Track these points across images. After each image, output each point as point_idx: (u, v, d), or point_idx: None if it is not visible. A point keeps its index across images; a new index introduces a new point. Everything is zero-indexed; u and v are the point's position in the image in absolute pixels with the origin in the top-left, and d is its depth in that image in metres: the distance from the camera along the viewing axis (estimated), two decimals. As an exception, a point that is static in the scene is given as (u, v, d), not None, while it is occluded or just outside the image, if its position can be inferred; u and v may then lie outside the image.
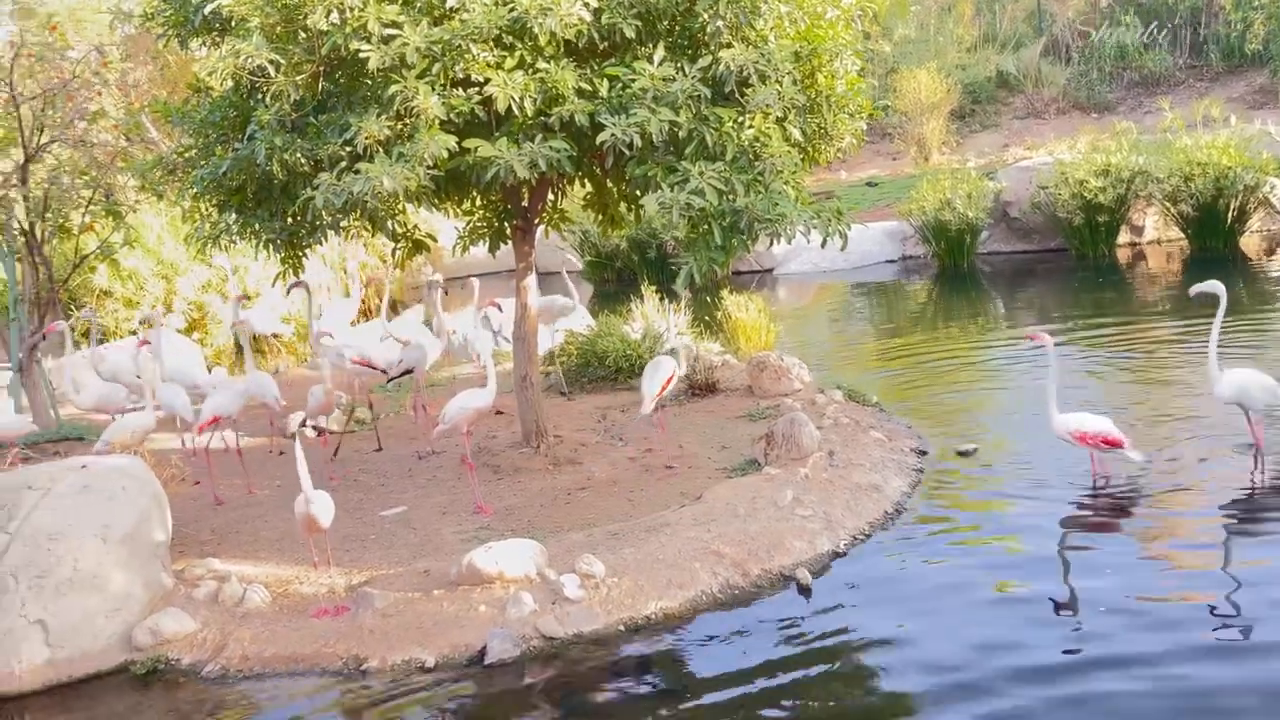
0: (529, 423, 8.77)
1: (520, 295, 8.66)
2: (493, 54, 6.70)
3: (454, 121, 6.65)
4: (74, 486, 6.61)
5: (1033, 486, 7.48)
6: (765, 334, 11.98)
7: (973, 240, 17.88)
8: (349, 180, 6.50)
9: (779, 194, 6.72)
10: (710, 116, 6.68)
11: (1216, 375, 7.51)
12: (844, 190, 26.17)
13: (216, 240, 7.97)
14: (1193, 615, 5.54)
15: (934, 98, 27.69)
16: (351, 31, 6.55)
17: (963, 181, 17.85)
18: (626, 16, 6.76)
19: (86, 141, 10.71)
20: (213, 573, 6.83)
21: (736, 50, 6.62)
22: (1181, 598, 5.76)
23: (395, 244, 8.78)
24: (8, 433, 8.97)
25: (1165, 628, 5.40)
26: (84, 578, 6.24)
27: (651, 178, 6.78)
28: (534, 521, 7.44)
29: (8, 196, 10.62)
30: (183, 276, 17.63)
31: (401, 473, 9.00)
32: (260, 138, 7.00)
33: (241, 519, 8.18)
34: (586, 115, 6.66)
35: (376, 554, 7.16)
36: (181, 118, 8.08)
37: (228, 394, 8.89)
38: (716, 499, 7.31)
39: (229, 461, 9.71)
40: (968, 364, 11.71)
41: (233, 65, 6.81)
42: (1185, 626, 5.41)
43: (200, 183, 7.67)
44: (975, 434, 8.84)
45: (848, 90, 7.37)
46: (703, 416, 9.71)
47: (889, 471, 7.84)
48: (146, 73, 19.56)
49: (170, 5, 7.89)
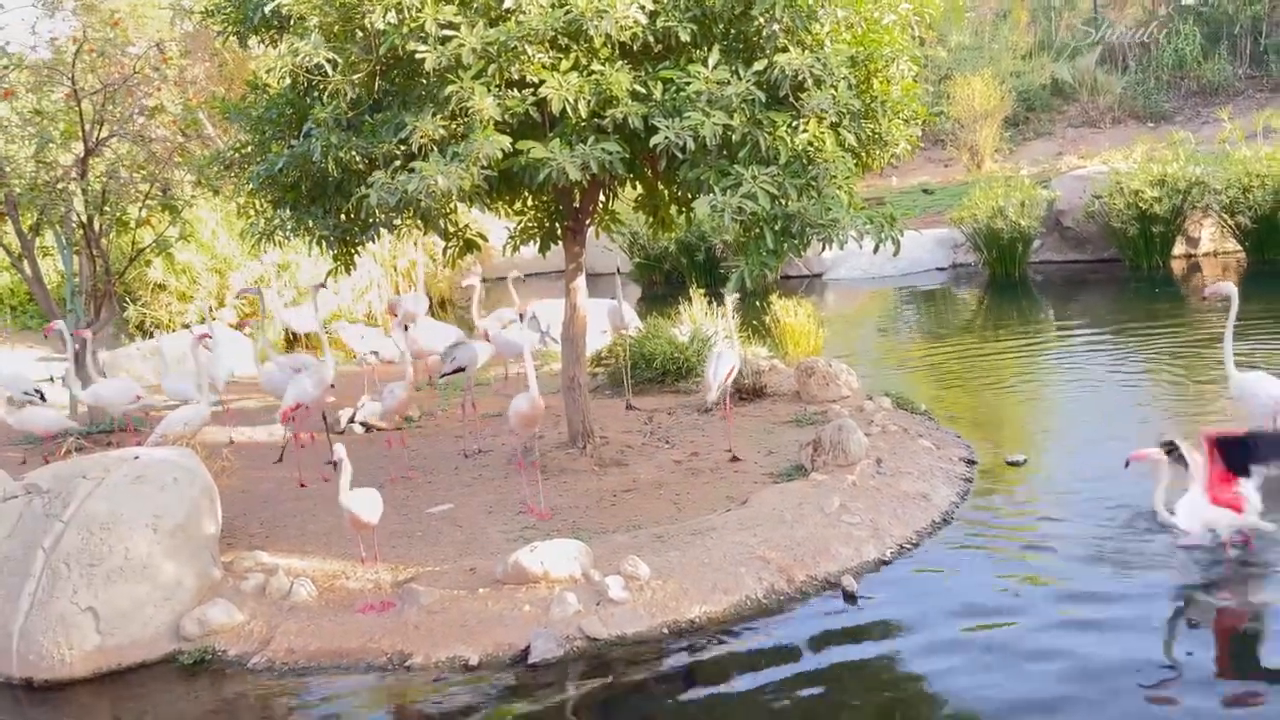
0: (576, 424, 8.79)
1: (570, 296, 8.68)
2: (548, 55, 6.71)
3: (508, 122, 6.67)
4: (127, 477, 6.70)
5: (1083, 500, 7.38)
6: (813, 339, 11.93)
7: (1025, 249, 17.71)
8: (403, 179, 6.53)
9: (832, 199, 6.69)
10: (764, 120, 6.65)
11: (1232, 374, 7.70)
12: (896, 196, 26.03)
13: (271, 236, 8.06)
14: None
15: (988, 105, 27.47)
16: (409, 32, 6.59)
17: (1016, 190, 17.68)
18: (682, 20, 6.75)
19: (145, 136, 10.85)
20: (261, 565, 6.89)
21: (792, 54, 6.58)
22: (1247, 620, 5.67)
23: (447, 243, 8.82)
24: (47, 428, 9.09)
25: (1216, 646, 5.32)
26: (135, 567, 6.32)
27: (704, 181, 6.76)
28: (579, 522, 7.45)
29: (67, 190, 10.78)
30: (236, 271, 17.85)
31: (449, 470, 9.04)
32: (317, 135, 7.06)
33: (290, 513, 8.25)
34: (640, 118, 6.65)
35: (423, 551, 7.19)
36: (239, 114, 8.18)
37: (309, 381, 8.99)
38: (762, 504, 7.28)
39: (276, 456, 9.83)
40: (1018, 373, 11.59)
41: (290, 63, 6.88)
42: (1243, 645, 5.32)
43: (256, 179, 7.75)
44: (1025, 444, 8.75)
45: (903, 96, 7.31)
46: (750, 421, 9.67)
47: (937, 480, 7.77)
48: (205, 69, 19.84)
49: (230, 3, 7.98)
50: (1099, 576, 6.25)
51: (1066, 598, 5.99)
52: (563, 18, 6.48)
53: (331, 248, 8.12)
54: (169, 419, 8.57)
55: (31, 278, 11.06)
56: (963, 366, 12.05)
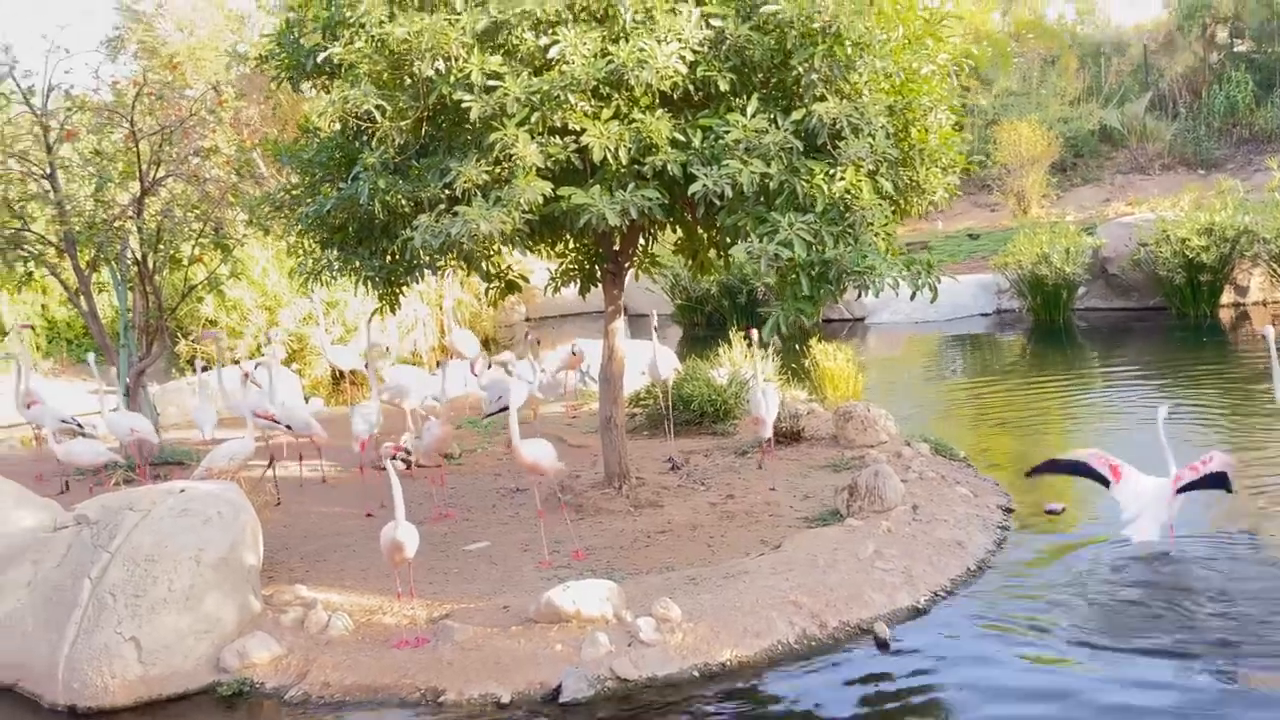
0: (612, 464, 8.87)
1: (608, 337, 8.79)
2: (590, 104, 6.85)
3: (550, 168, 6.81)
4: (172, 510, 6.86)
5: (1120, 550, 7.34)
6: (853, 383, 11.95)
7: (1069, 295, 17.64)
8: (447, 222, 6.69)
9: (869, 246, 6.76)
10: (801, 168, 6.74)
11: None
12: (941, 241, 26.02)
13: (318, 275, 8.26)
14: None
15: (1034, 150, 27.43)
16: (455, 81, 6.76)
17: (1061, 236, 17.64)
18: (722, 69, 6.88)
19: (199, 177, 11.13)
20: (300, 599, 7.01)
21: (830, 103, 6.68)
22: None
23: (489, 284, 8.97)
24: (91, 460, 9.30)
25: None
26: (177, 598, 6.45)
27: (741, 227, 6.86)
28: (613, 563, 7.51)
29: (124, 227, 11.07)
30: (285, 309, 18.17)
31: (486, 508, 9.14)
32: (364, 179, 7.24)
33: (331, 547, 8.38)
34: (679, 165, 6.77)
35: (459, 587, 7.28)
36: (290, 157, 8.39)
37: (371, 415, 9.43)
38: (796, 548, 7.31)
39: (320, 490, 9.99)
40: (1060, 420, 11.54)
41: (340, 109, 7.08)
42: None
43: (305, 220, 7.95)
44: (1065, 493, 8.69)
45: (941, 144, 7.38)
46: (786, 464, 9.70)
47: (973, 528, 7.76)
48: (260, 110, 20.31)
49: (284, 50, 8.22)
50: (1134, 628, 6.22)
51: (1101, 649, 5.97)
52: (605, 68, 6.63)
53: (377, 288, 8.28)
54: (214, 453, 8.76)
55: (87, 313, 11.34)
56: (1004, 412, 12.01)
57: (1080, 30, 38.61)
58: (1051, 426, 11.32)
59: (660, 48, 6.57)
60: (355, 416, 9.68)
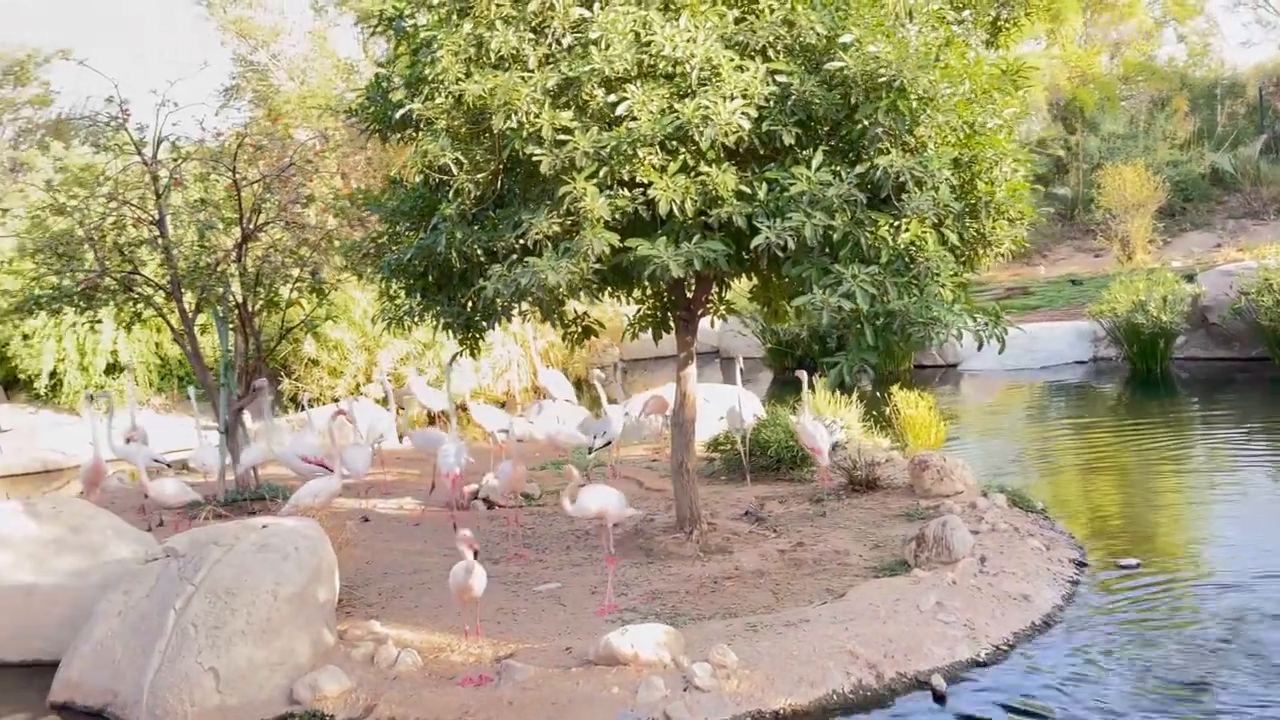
0: (683, 508, 8.97)
1: (680, 384, 8.92)
2: (658, 157, 7.03)
3: (618, 219, 7.00)
4: (254, 545, 7.15)
5: (1194, 611, 7.21)
6: (934, 432, 11.88)
7: (1167, 344, 17.26)
8: (518, 271, 6.92)
9: (934, 297, 6.79)
10: (866, 220, 6.82)
11: None
12: (1042, 286, 25.65)
13: (401, 321, 8.56)
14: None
15: (1140, 195, 26.92)
16: (528, 136, 7.01)
17: (1158, 284, 17.29)
18: (787, 124, 7.00)
19: (298, 224, 11.60)
20: (372, 635, 7.24)
21: (894, 156, 6.75)
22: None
23: (565, 330, 9.18)
24: (175, 498, 9.72)
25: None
26: (255, 631, 6.73)
27: (806, 278, 6.95)
28: (678, 607, 7.61)
29: (227, 271, 11.57)
30: (383, 349, 18.70)
31: (560, 549, 9.31)
32: (443, 229, 7.54)
33: (408, 585, 8.61)
34: (744, 217, 6.91)
35: (526, 627, 7.44)
36: (378, 206, 8.75)
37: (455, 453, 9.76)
38: (860, 598, 7.32)
39: (406, 527, 10.28)
40: (1148, 472, 11.32)
41: (421, 164, 7.39)
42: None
43: (388, 267, 8.27)
44: (1146, 548, 8.56)
45: (1009, 196, 7.39)
46: (860, 513, 9.70)
47: (1041, 582, 7.68)
48: (365, 156, 20.99)
49: (373, 104, 8.59)
50: (1196, 687, 6.11)
51: (1160, 711, 5.87)
52: (670, 124, 6.80)
53: (456, 333, 8.55)
54: (301, 490, 9.09)
55: (191, 352, 11.85)
56: (1091, 464, 11.82)
57: (1192, 72, 37.88)
58: (1138, 478, 11.10)
59: (725, 104, 6.73)
60: (440, 454, 9.98)
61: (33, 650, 7.85)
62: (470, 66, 7.25)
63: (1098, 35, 37.74)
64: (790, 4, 7.14)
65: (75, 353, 18.64)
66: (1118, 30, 38.01)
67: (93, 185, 11.53)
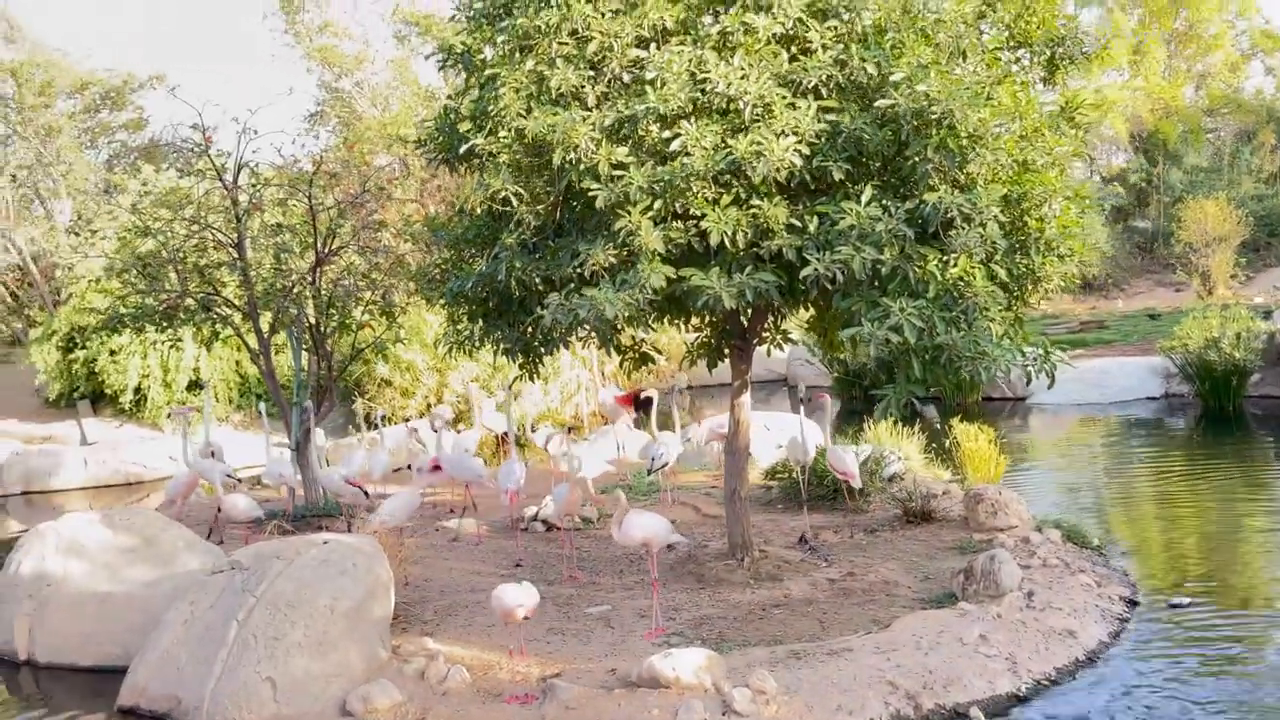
0: (736, 535, 9.08)
1: (734, 411, 9.05)
2: (711, 190, 7.20)
3: (671, 251, 7.17)
4: (314, 559, 7.43)
5: (1242, 652, 7.15)
6: (994, 465, 11.84)
7: (1240, 382, 16.96)
8: (576, 302, 7.11)
9: (982, 331, 6.86)
10: (914, 254, 6.91)
11: None
12: (1118, 320, 25.35)
13: (462, 345, 8.82)
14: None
15: (1221, 229, 26.52)
16: (585, 170, 7.22)
17: (1232, 320, 17.01)
18: (838, 160, 7.13)
19: (370, 249, 11.97)
20: (425, 651, 7.46)
21: (942, 192, 6.84)
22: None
23: (622, 357, 9.36)
24: (244, 514, 10.10)
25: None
26: (311, 643, 6.98)
27: (855, 311, 7.06)
28: (725, 633, 7.72)
29: (302, 294, 11.97)
30: (454, 371, 19.06)
31: (614, 572, 9.47)
32: (503, 258, 7.78)
33: (464, 603, 8.82)
34: (794, 249, 7.05)
35: (574, 648, 7.61)
36: (444, 234, 9.03)
37: (515, 473, 10.13)
38: (904, 629, 7.38)
39: (468, 547, 10.51)
40: (1210, 512, 11.17)
41: (483, 196, 7.65)
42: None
43: (451, 293, 8.53)
44: (1197, 588, 8.49)
45: (1060, 233, 7.44)
46: (913, 544, 9.73)
47: (1089, 618, 7.67)
48: (437, 184, 21.47)
49: (441, 133, 8.89)
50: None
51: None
52: (723, 159, 6.97)
53: (516, 358, 8.78)
54: (387, 504, 9.44)
55: (266, 371, 12.25)
56: (1153, 501, 11.70)
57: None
58: (1201, 517, 10.97)
59: (777, 141, 6.88)
60: (500, 474, 10.24)
61: (104, 655, 8.21)
62: (531, 103, 7.49)
63: (1182, 67, 37.23)
64: (844, 44, 7.28)
65: (159, 369, 19.30)
66: (1203, 62, 37.45)
67: (177, 208, 12.01)
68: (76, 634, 8.34)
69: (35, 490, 16.94)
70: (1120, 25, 35.14)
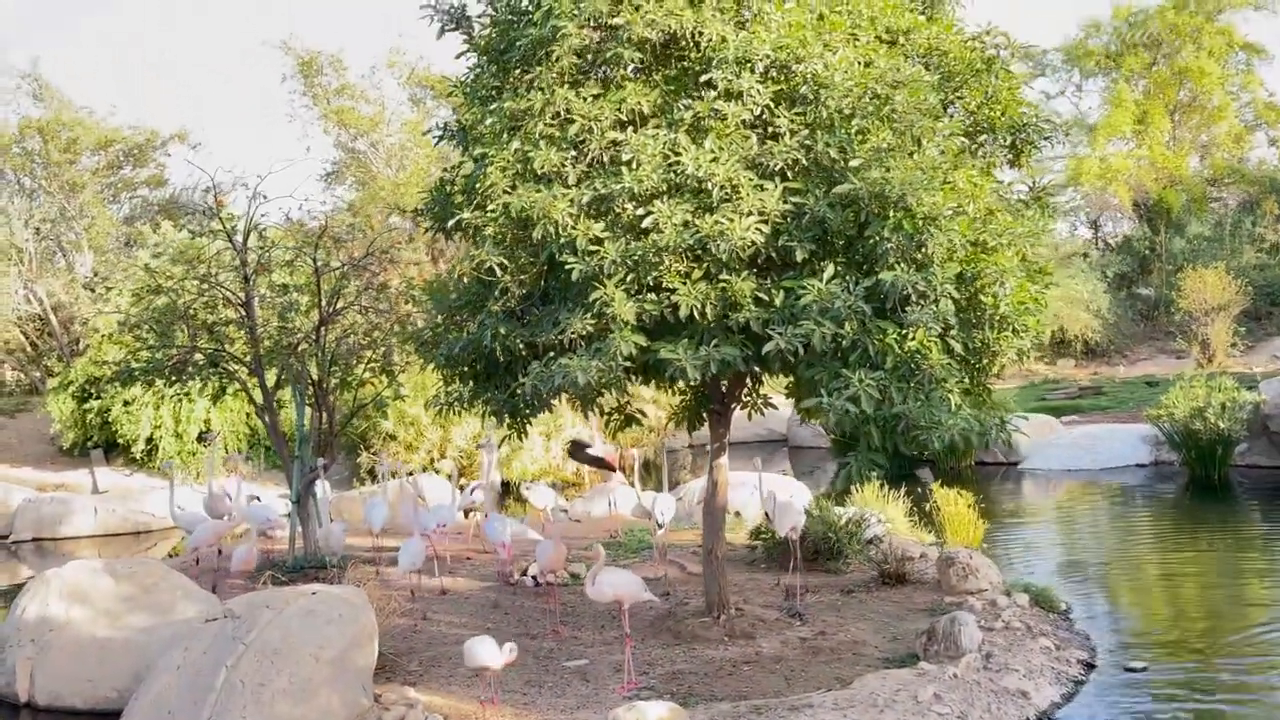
0: (712, 593, 9.41)
1: (712, 472, 9.43)
2: (683, 265, 7.64)
3: (644, 321, 7.60)
4: (301, 610, 7.80)
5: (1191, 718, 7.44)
6: (973, 528, 12.15)
7: (1226, 451, 17.23)
8: (554, 369, 7.54)
9: (939, 402, 7.24)
10: (874, 329, 7.32)
11: None
12: (1116, 387, 25.65)
13: (451, 407, 9.23)
14: None
15: (1220, 298, 26.86)
16: (564, 244, 7.68)
17: (1218, 390, 17.32)
18: (801, 239, 7.55)
19: (372, 309, 12.44)
20: (405, 700, 7.80)
21: (899, 271, 7.26)
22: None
23: (607, 419, 9.76)
24: (239, 566, 10.53)
25: None
26: (295, 690, 7.34)
27: (818, 381, 7.46)
28: (694, 688, 8.03)
29: (306, 351, 12.43)
30: (457, 427, 19.48)
31: (596, 627, 9.79)
32: (488, 324, 8.22)
33: (449, 655, 9.13)
34: (760, 322, 7.46)
35: (549, 700, 7.94)
36: (437, 299, 9.48)
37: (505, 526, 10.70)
38: (863, 687, 7.68)
39: (455, 601, 10.85)
40: (1184, 579, 11.44)
41: (469, 267, 8.11)
42: None
43: (441, 357, 8.96)
44: (1158, 653, 8.76)
45: (1014, 309, 7.82)
46: (886, 605, 10.03)
47: (1044, 679, 7.97)
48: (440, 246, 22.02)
49: (436, 205, 9.39)
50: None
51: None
52: (691, 237, 7.42)
53: (502, 420, 9.18)
54: (402, 557, 9.98)
55: (270, 426, 12.68)
56: (1128, 566, 11.98)
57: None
58: (1174, 584, 11.24)
59: (740, 220, 7.32)
60: (486, 529, 10.62)
61: (102, 699, 8.59)
62: (516, 180, 7.97)
63: (1186, 137, 37.76)
64: (810, 129, 7.74)
65: (171, 420, 19.80)
66: (1207, 133, 37.99)
67: (187, 267, 12.53)
68: (76, 677, 8.71)
69: (46, 537, 17.39)
70: (1124, 96, 35.77)
